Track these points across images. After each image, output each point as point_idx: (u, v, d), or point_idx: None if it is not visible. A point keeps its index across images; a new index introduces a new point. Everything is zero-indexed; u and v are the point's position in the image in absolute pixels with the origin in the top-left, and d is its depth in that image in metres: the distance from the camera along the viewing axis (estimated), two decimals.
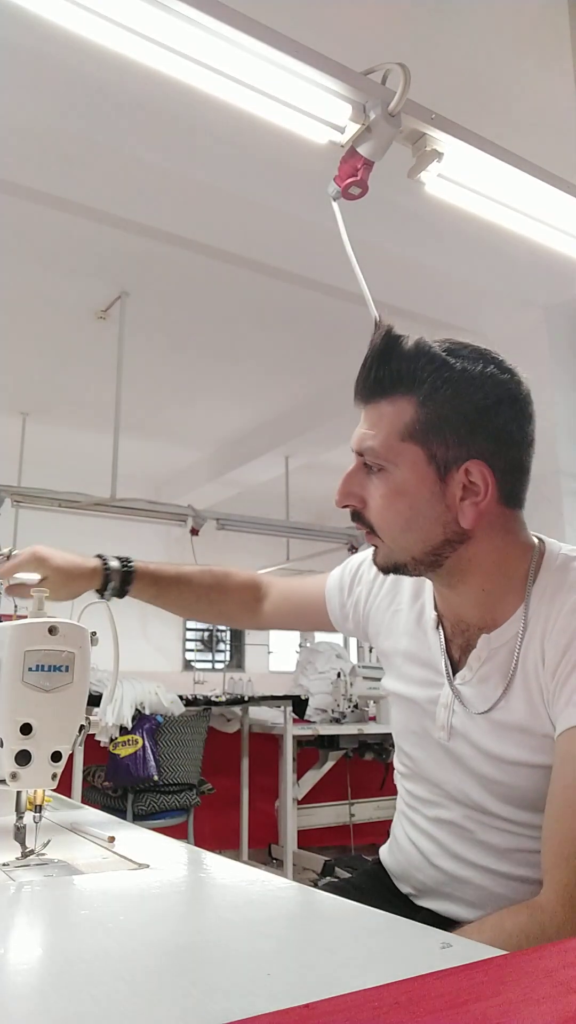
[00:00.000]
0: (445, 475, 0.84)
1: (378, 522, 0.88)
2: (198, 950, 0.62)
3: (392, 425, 0.84)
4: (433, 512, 0.85)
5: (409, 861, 1.02)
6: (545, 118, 2.61)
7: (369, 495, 0.88)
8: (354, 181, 1.21)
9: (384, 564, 0.91)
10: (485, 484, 0.84)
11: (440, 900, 0.97)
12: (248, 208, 2.94)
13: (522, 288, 3.57)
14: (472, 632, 0.91)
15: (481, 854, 0.91)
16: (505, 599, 0.88)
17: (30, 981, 0.56)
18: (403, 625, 1.02)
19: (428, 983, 0.46)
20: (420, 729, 0.97)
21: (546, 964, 0.49)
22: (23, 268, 3.75)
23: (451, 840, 0.94)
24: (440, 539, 0.86)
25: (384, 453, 0.85)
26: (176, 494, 6.67)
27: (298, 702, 4.16)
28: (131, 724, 3.36)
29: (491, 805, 0.89)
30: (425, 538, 0.86)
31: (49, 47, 2.15)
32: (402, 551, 0.88)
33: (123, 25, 1.06)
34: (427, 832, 0.98)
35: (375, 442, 0.85)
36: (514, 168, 1.34)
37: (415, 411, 0.84)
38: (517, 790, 0.86)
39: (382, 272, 3.22)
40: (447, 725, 0.92)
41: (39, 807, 0.90)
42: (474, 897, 0.92)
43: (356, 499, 0.89)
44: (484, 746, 0.88)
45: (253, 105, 1.20)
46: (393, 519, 0.86)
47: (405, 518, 0.86)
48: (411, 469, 0.84)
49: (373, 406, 0.86)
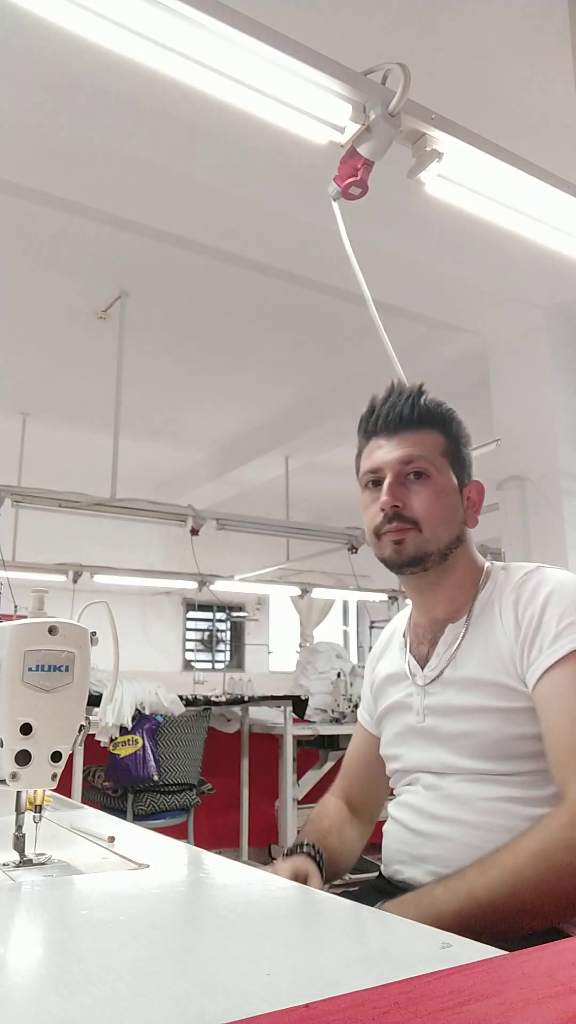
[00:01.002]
0: (461, 489, 1.15)
1: (423, 515, 1.10)
2: (198, 950, 0.62)
3: (434, 446, 1.13)
4: (457, 513, 1.14)
5: (392, 835, 1.14)
6: (545, 118, 2.61)
7: (409, 497, 1.11)
8: (354, 181, 1.21)
9: (414, 553, 1.10)
10: (480, 499, 1.18)
11: (417, 865, 1.07)
12: (248, 208, 2.94)
13: (522, 288, 3.57)
14: (439, 626, 1.15)
15: (450, 806, 1.05)
16: (464, 594, 1.14)
17: (30, 981, 0.56)
18: (388, 659, 1.25)
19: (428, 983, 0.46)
20: (402, 727, 1.16)
21: (546, 964, 0.49)
22: (23, 268, 3.75)
23: (424, 801, 1.09)
24: (455, 535, 1.13)
25: (433, 462, 1.12)
26: (176, 494, 6.67)
27: (298, 702, 4.16)
28: (131, 724, 3.36)
29: (456, 761, 1.06)
30: (450, 532, 1.12)
31: (49, 47, 2.15)
32: (435, 541, 1.10)
33: (123, 25, 1.06)
34: (405, 803, 1.13)
35: (426, 453, 1.12)
36: (514, 168, 1.34)
37: (444, 440, 1.14)
38: (477, 737, 1.04)
39: (382, 272, 3.22)
40: (421, 709, 1.12)
41: (39, 807, 0.90)
42: (444, 850, 1.03)
43: (401, 502, 1.11)
44: (452, 703, 1.08)
45: (253, 105, 1.20)
46: (437, 512, 1.11)
47: (445, 512, 1.12)
48: (447, 478, 1.13)
49: (411, 433, 1.13)
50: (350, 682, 4.35)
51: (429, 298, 3.63)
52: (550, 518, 3.44)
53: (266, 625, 9.65)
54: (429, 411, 1.14)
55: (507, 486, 3.64)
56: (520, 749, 1.01)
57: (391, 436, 1.14)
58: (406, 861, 1.09)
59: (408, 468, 1.12)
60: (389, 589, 6.56)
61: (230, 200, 2.88)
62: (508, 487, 3.63)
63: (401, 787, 1.16)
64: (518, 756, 1.01)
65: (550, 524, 3.44)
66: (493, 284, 3.51)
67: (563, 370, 3.63)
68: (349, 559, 5.71)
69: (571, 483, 3.47)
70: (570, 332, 3.69)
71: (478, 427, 4.26)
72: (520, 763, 1.01)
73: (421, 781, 1.11)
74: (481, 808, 1.02)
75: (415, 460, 1.11)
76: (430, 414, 1.14)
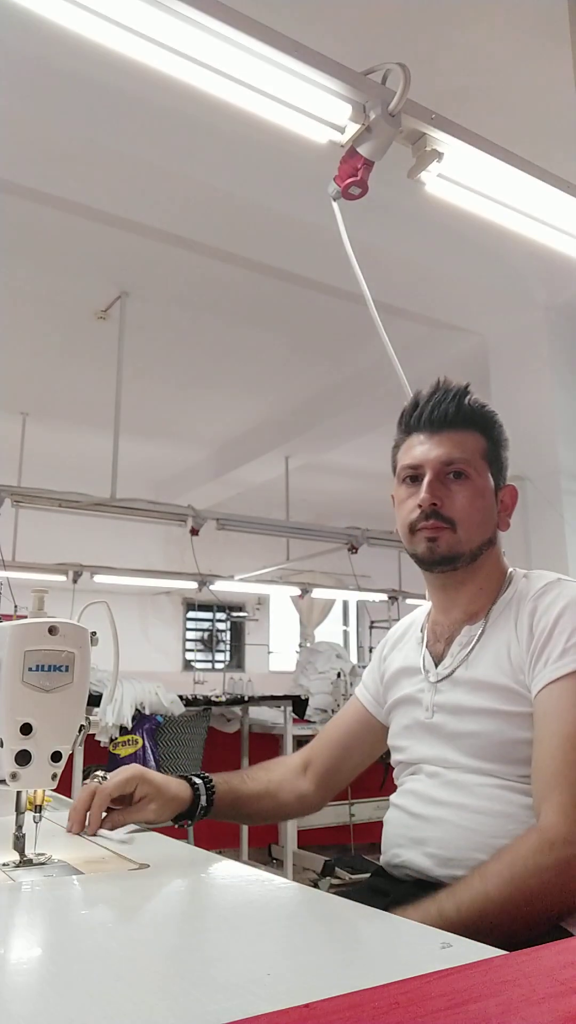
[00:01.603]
0: (497, 492, 1.17)
1: (461, 515, 1.12)
2: (198, 950, 0.62)
3: (475, 448, 1.14)
4: (492, 513, 1.16)
5: (393, 821, 1.15)
6: (545, 118, 2.61)
7: (448, 496, 1.12)
8: (354, 181, 1.21)
9: (447, 552, 1.12)
10: (512, 503, 1.19)
11: (415, 848, 1.07)
12: (248, 208, 2.94)
13: (522, 288, 3.57)
14: (456, 626, 1.16)
15: (449, 791, 1.07)
16: (485, 597, 1.15)
17: (30, 981, 0.56)
18: (403, 652, 1.26)
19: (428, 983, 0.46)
20: (411, 721, 1.17)
21: (546, 964, 0.49)
22: (23, 268, 3.75)
23: (426, 787, 1.10)
24: (487, 538, 1.15)
25: (474, 464, 1.13)
26: (176, 494, 6.66)
27: (298, 702, 4.17)
28: (131, 724, 3.36)
29: (460, 759, 1.07)
30: (483, 535, 1.14)
31: (49, 47, 2.15)
32: (468, 541, 1.12)
33: (123, 25, 1.06)
34: (407, 790, 1.14)
35: (467, 455, 1.13)
36: (514, 168, 1.34)
37: (485, 442, 1.15)
38: (481, 738, 1.05)
39: (382, 272, 3.22)
40: (430, 705, 1.13)
41: (39, 807, 0.90)
42: (443, 832, 1.04)
43: (440, 500, 1.12)
44: (461, 702, 1.09)
45: (253, 105, 1.20)
46: (474, 513, 1.12)
47: (481, 515, 1.13)
48: (486, 480, 1.15)
49: (454, 432, 1.14)
50: (350, 682, 4.35)
51: (429, 298, 3.62)
52: (550, 518, 3.43)
53: (266, 625, 9.65)
54: (473, 412, 1.15)
55: None
56: (522, 753, 1.02)
57: (433, 434, 1.15)
58: (404, 844, 1.10)
59: (449, 468, 1.13)
60: (389, 589, 6.56)
61: (230, 200, 2.88)
62: None
63: (404, 776, 1.17)
64: (519, 760, 1.02)
65: (550, 524, 3.43)
66: (493, 284, 3.51)
67: (563, 370, 3.63)
68: (349, 559, 5.70)
69: (571, 483, 3.47)
70: (570, 332, 3.69)
71: None
72: (520, 766, 1.02)
73: (424, 770, 1.12)
74: (482, 793, 1.03)
75: (456, 461, 1.12)
76: (474, 415, 1.15)
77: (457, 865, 0.99)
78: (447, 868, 1.01)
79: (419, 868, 1.05)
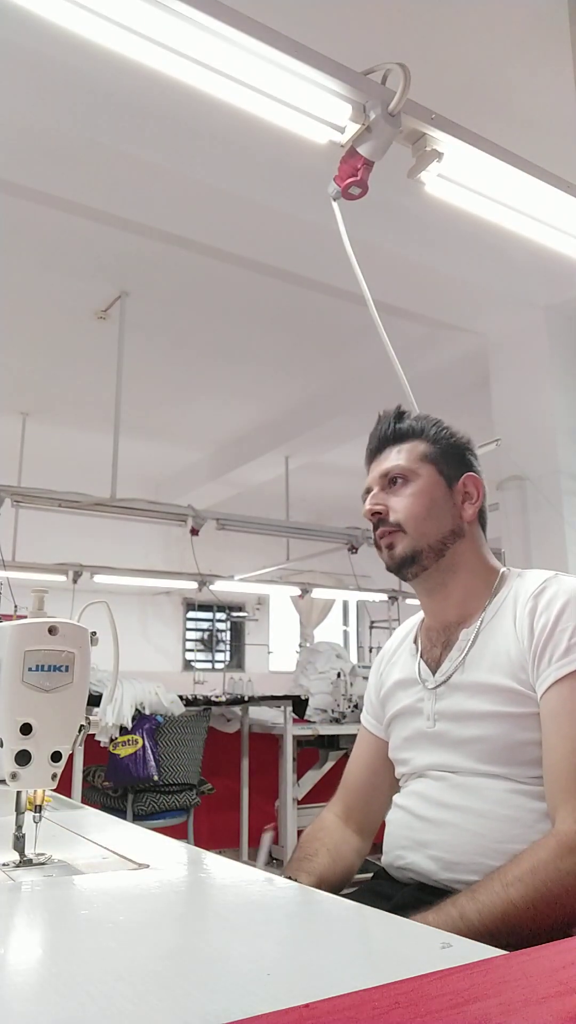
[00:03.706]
0: (451, 485, 1.17)
1: (404, 515, 1.15)
2: (198, 950, 0.62)
3: (412, 453, 1.18)
4: (445, 507, 1.16)
5: (396, 822, 1.14)
6: (545, 118, 2.61)
7: (391, 504, 1.16)
8: (354, 181, 1.21)
9: (403, 554, 1.14)
10: (477, 491, 1.19)
11: (419, 850, 1.06)
12: (248, 208, 2.94)
13: (522, 288, 3.57)
14: (452, 630, 1.16)
15: (456, 794, 1.06)
16: (478, 598, 1.15)
17: (30, 981, 0.56)
18: (399, 665, 1.25)
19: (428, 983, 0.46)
20: (412, 732, 1.16)
21: (546, 964, 0.49)
22: (23, 268, 3.75)
23: (432, 790, 1.10)
24: (449, 528, 1.15)
25: (409, 467, 1.17)
26: (176, 494, 6.66)
27: (298, 702, 4.16)
28: (131, 724, 3.36)
29: (467, 764, 1.06)
30: (439, 528, 1.15)
31: (49, 47, 2.15)
32: (422, 536, 1.14)
33: (123, 25, 1.06)
34: (412, 791, 1.14)
35: (402, 462, 1.18)
36: (514, 168, 1.34)
37: (426, 446, 1.19)
38: (488, 743, 1.04)
39: (382, 272, 3.22)
40: (431, 714, 1.12)
41: (39, 807, 0.90)
42: (450, 836, 1.03)
43: (382, 507, 1.17)
44: (463, 707, 1.08)
45: (253, 105, 1.20)
46: (417, 510, 1.15)
47: (426, 508, 1.15)
48: (427, 479, 1.17)
49: (391, 448, 1.20)
50: (350, 682, 4.35)
51: (429, 298, 3.63)
52: (550, 518, 3.43)
53: (266, 625, 9.66)
54: (405, 427, 1.21)
55: (507, 486, 3.63)
56: (531, 754, 1.01)
57: (378, 457, 1.22)
58: (408, 846, 1.09)
59: (387, 478, 1.18)
60: (389, 589, 6.56)
61: (230, 200, 2.88)
62: (508, 487, 3.63)
63: (409, 781, 1.16)
64: (528, 761, 1.01)
65: (550, 524, 3.43)
66: (493, 284, 3.51)
67: (563, 370, 3.63)
68: (349, 559, 5.71)
69: (571, 483, 3.47)
70: (570, 332, 3.69)
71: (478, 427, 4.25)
72: (530, 767, 1.01)
73: (430, 775, 1.11)
74: (488, 797, 1.02)
75: (391, 470, 1.18)
76: (407, 428, 1.21)
77: (462, 870, 0.99)
78: (451, 872, 1.01)
79: (422, 871, 1.05)
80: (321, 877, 1.13)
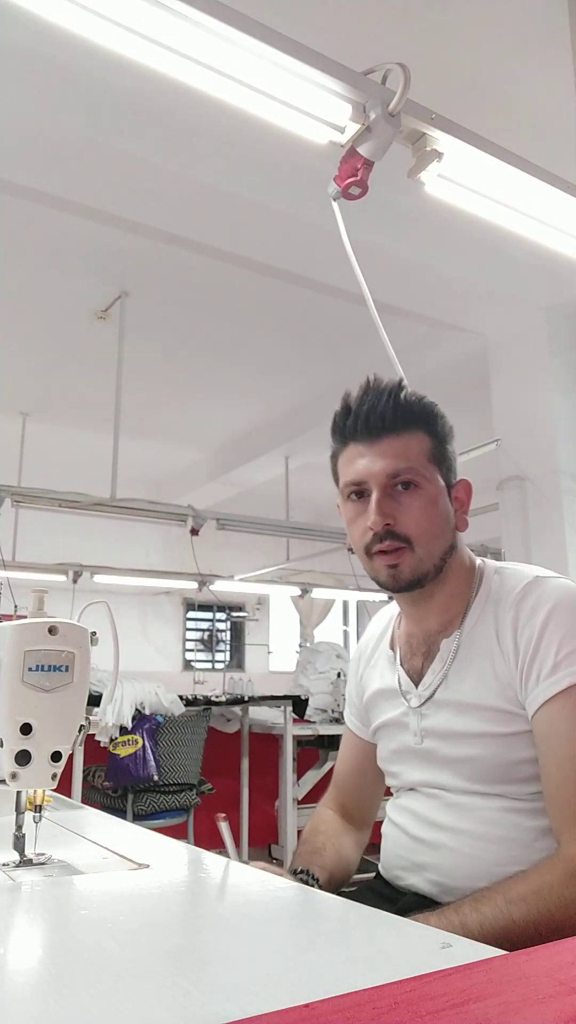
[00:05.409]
0: (450, 491, 1.07)
1: (416, 531, 1.03)
2: (198, 950, 0.62)
3: (421, 451, 1.04)
4: (449, 521, 1.07)
5: (391, 840, 1.12)
6: (545, 118, 2.61)
7: (400, 512, 1.03)
8: (354, 181, 1.21)
9: (411, 577, 1.04)
10: (468, 499, 1.10)
11: (418, 873, 1.05)
12: (248, 208, 2.94)
13: (522, 288, 3.57)
14: (433, 638, 1.09)
15: (451, 815, 1.02)
16: (458, 601, 1.07)
17: (30, 981, 0.56)
18: (378, 671, 1.19)
19: (428, 983, 0.46)
20: (399, 746, 1.12)
21: (546, 964, 0.49)
22: (23, 268, 3.75)
23: (425, 808, 1.06)
24: (449, 544, 1.06)
25: (422, 469, 1.04)
26: (176, 494, 6.66)
27: (298, 702, 4.16)
28: (131, 724, 3.36)
29: (458, 783, 1.03)
30: (444, 543, 1.05)
31: (49, 47, 2.15)
32: (429, 557, 1.04)
33: (123, 25, 1.06)
34: (405, 807, 1.10)
35: (413, 461, 1.03)
36: (514, 168, 1.34)
37: (430, 442, 1.05)
38: (479, 763, 1.00)
39: (382, 272, 3.22)
40: (418, 730, 1.07)
41: (39, 807, 0.90)
42: (445, 859, 1.01)
43: (391, 518, 1.03)
44: (451, 727, 1.03)
45: (253, 105, 1.20)
46: (429, 526, 1.03)
47: (439, 525, 1.04)
48: (437, 485, 1.05)
49: (395, 438, 1.04)
50: None
51: (429, 298, 3.62)
52: (550, 518, 3.43)
53: (266, 625, 9.65)
54: (412, 409, 1.05)
55: (507, 486, 3.63)
56: (523, 772, 0.98)
57: (373, 442, 1.04)
58: (407, 867, 1.07)
59: (396, 480, 1.03)
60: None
61: (230, 200, 2.88)
62: (508, 487, 3.63)
63: (401, 794, 1.14)
64: (523, 779, 0.98)
65: (550, 524, 3.43)
66: (493, 284, 3.51)
67: (563, 370, 3.63)
68: (349, 559, 5.69)
69: (571, 483, 3.47)
70: (570, 332, 3.69)
71: (478, 427, 4.25)
72: (525, 784, 0.98)
73: (422, 791, 1.08)
74: (483, 818, 0.99)
75: (402, 471, 1.03)
76: (413, 412, 1.05)
77: (462, 894, 0.96)
78: (452, 896, 0.98)
79: (422, 891, 1.03)
80: (331, 874, 1.12)
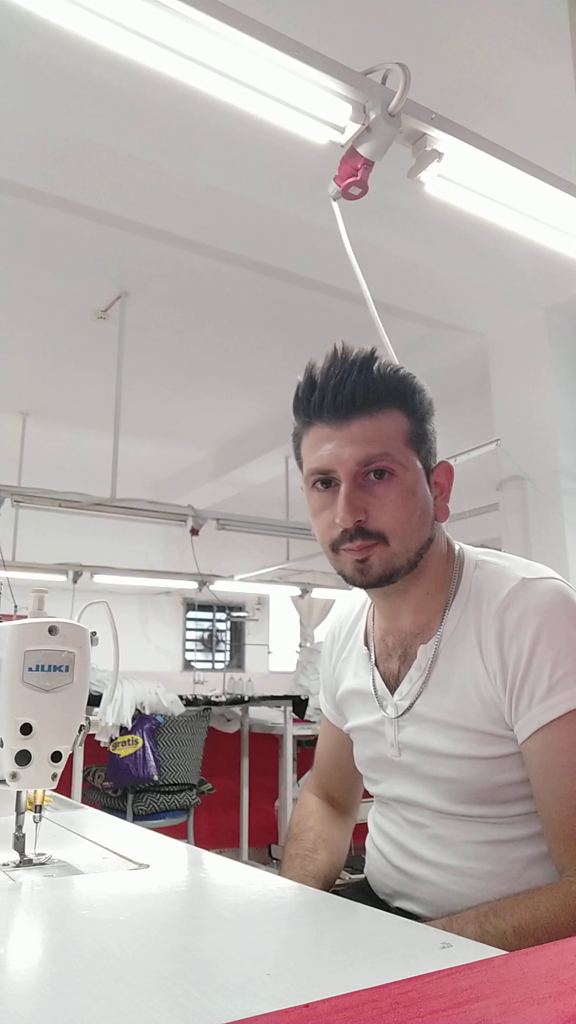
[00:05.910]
0: (428, 477, 0.95)
1: (391, 524, 0.91)
2: (198, 950, 0.62)
3: (396, 433, 0.91)
4: (428, 511, 0.95)
5: (375, 866, 1.07)
6: (545, 118, 2.61)
7: (373, 505, 0.91)
8: (354, 181, 1.21)
9: (380, 572, 0.93)
10: (449, 483, 0.98)
11: (406, 900, 1.01)
12: (248, 208, 2.94)
13: (522, 288, 3.57)
14: (409, 640, 0.99)
15: (435, 849, 0.96)
16: (436, 601, 0.97)
17: (30, 981, 0.56)
18: (351, 667, 1.10)
19: (428, 983, 0.46)
20: (376, 754, 1.04)
21: (546, 964, 0.49)
22: (23, 268, 3.75)
23: (408, 838, 1.00)
24: (427, 536, 0.95)
25: (397, 454, 0.91)
26: (176, 494, 6.66)
27: (298, 702, 4.16)
28: (131, 724, 3.36)
29: (439, 804, 0.95)
30: (422, 536, 0.94)
31: (49, 47, 2.15)
32: (405, 552, 0.93)
33: (123, 25, 1.06)
34: (388, 834, 1.05)
35: (388, 446, 0.90)
36: (514, 168, 1.34)
37: (407, 421, 0.93)
38: (462, 784, 0.92)
39: (382, 272, 3.22)
40: (395, 742, 0.99)
41: (39, 807, 0.90)
42: (430, 895, 0.97)
43: (363, 513, 0.91)
44: (431, 746, 0.94)
45: (253, 105, 1.20)
46: (407, 518, 0.92)
47: (417, 516, 0.93)
48: (414, 471, 0.93)
49: (366, 418, 0.91)
50: None
51: (429, 298, 3.62)
52: (550, 518, 3.43)
53: (266, 625, 9.65)
54: (386, 383, 0.91)
55: (507, 486, 3.63)
56: (508, 794, 0.91)
57: (341, 424, 0.91)
58: (391, 895, 1.04)
59: (368, 468, 0.90)
60: None
61: (230, 200, 2.88)
62: (508, 487, 3.63)
63: (381, 806, 1.08)
64: (506, 801, 0.91)
65: (550, 524, 3.43)
66: (493, 284, 3.51)
67: (563, 370, 3.63)
68: None
69: (571, 483, 3.47)
70: (570, 332, 3.69)
71: (478, 427, 4.25)
72: (508, 807, 0.91)
73: (403, 813, 1.01)
74: (467, 852, 0.93)
75: (375, 458, 0.90)
76: (388, 387, 0.91)
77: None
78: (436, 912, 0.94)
79: (413, 912, 1.00)
80: (326, 877, 1.09)
